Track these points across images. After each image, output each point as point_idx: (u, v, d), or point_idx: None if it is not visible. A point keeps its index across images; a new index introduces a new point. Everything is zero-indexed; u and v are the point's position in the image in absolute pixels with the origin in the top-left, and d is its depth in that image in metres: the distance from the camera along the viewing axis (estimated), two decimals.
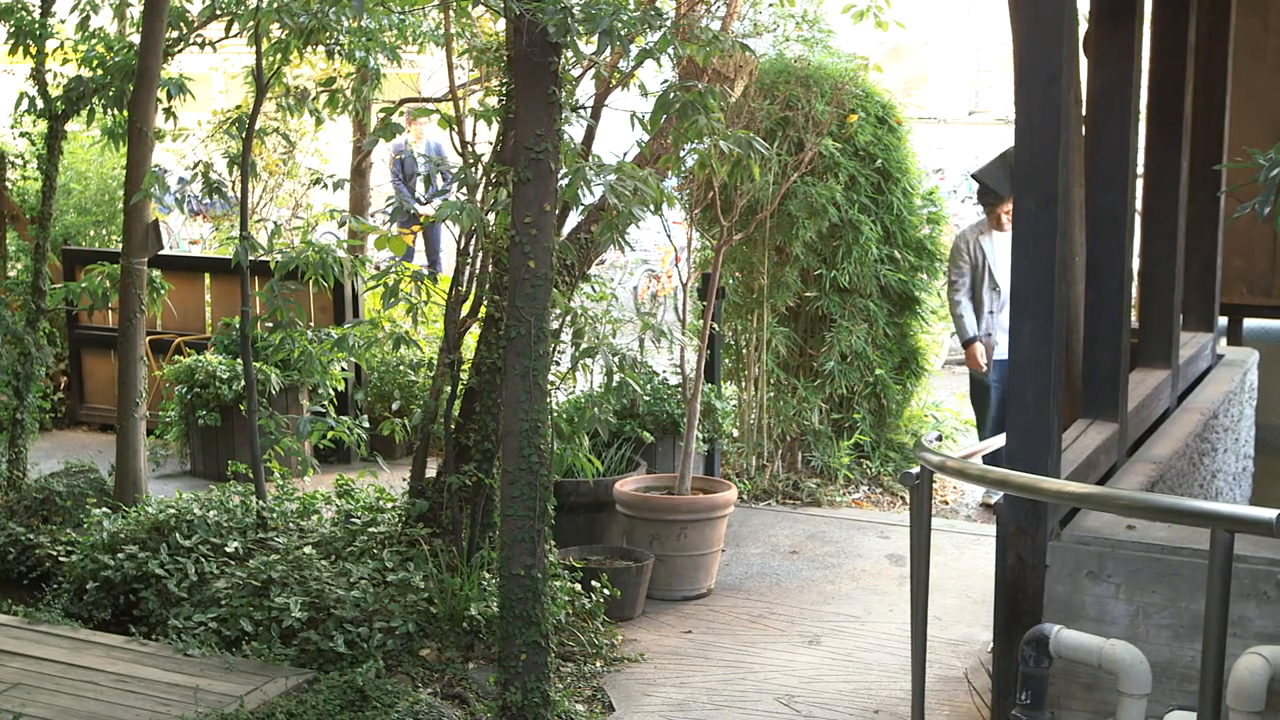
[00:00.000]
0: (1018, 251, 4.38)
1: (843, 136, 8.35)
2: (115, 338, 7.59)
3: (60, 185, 8.40)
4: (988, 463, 4.81)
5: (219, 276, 9.50)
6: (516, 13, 4.74)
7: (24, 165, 9.79)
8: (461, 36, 6.40)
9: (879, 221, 8.47)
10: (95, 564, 6.12)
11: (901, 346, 8.73)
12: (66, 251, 9.88)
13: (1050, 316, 4.31)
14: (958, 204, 15.52)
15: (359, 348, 7.06)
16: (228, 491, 6.80)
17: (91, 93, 7.33)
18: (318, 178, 7.08)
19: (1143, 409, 5.72)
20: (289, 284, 6.45)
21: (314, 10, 6.10)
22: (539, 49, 4.77)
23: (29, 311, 7.41)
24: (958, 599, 6.48)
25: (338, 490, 6.92)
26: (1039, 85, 4.28)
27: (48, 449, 8.88)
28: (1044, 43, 4.30)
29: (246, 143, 6.61)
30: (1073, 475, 4.62)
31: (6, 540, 6.59)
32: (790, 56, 8.33)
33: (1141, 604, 4.19)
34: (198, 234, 14.78)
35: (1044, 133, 4.29)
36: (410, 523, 6.22)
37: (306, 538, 6.36)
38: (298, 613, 5.57)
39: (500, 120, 5.86)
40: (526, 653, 4.90)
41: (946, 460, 4.41)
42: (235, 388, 8.17)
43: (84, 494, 7.00)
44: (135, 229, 6.96)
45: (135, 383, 7.01)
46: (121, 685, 5.20)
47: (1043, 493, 4.07)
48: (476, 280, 6.17)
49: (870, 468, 8.60)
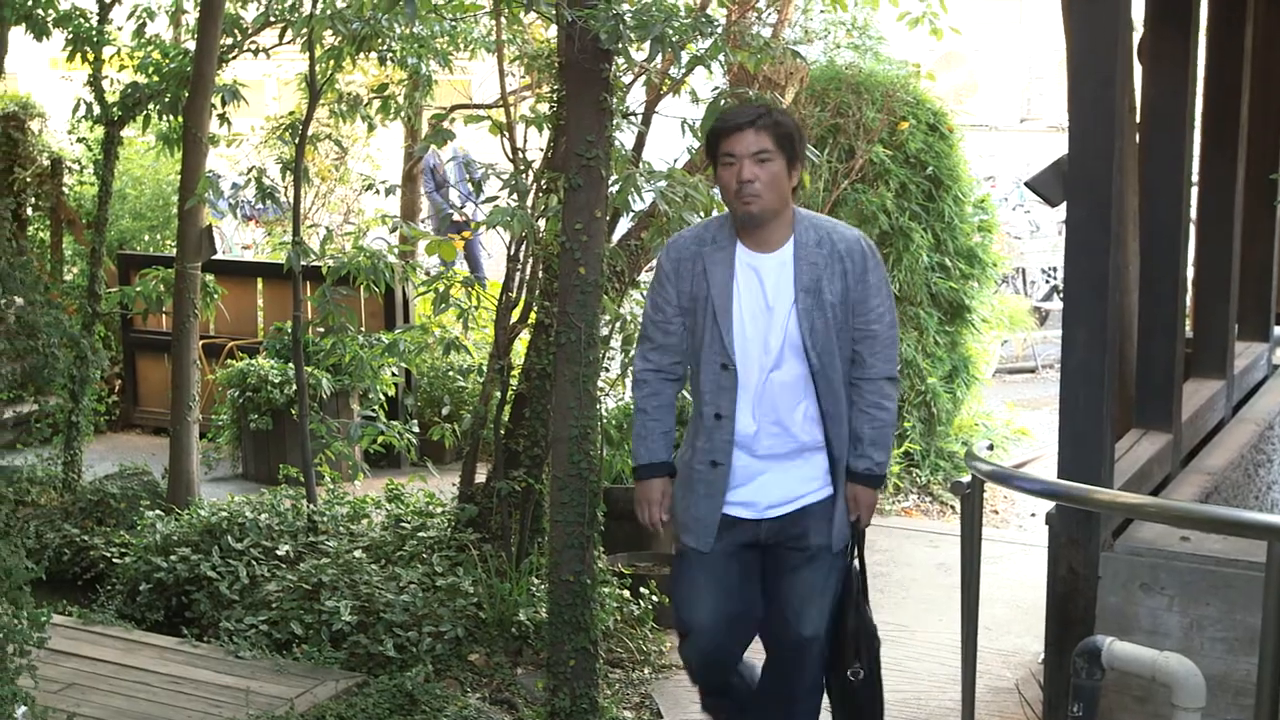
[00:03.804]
0: (1070, 259, 4.34)
1: (894, 144, 8.32)
2: (169, 342, 7.66)
3: (116, 191, 8.50)
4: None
5: (271, 281, 9.56)
6: (568, 19, 4.75)
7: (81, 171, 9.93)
8: (513, 43, 6.42)
9: (930, 229, 8.44)
10: (148, 566, 6.18)
11: (952, 355, 8.68)
12: (122, 256, 9.96)
13: (1103, 325, 4.28)
14: (1009, 211, 15.43)
15: (409, 353, 7.09)
16: (279, 495, 6.84)
17: (147, 99, 7.40)
18: (370, 183, 7.10)
19: (1197, 419, 5.66)
20: (341, 289, 6.48)
21: (367, 17, 6.13)
22: (590, 56, 4.78)
23: (85, 315, 7.48)
24: (1008, 609, 6.44)
25: (388, 495, 6.95)
26: (1092, 92, 4.25)
27: (102, 451, 8.96)
28: (1097, 49, 4.27)
29: (299, 148, 6.65)
30: (1126, 485, 4.58)
31: (62, 541, 6.66)
32: (841, 63, 8.32)
33: (1196, 616, 4.15)
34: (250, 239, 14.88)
35: (1097, 140, 4.25)
36: (459, 528, 6.24)
37: (357, 542, 6.39)
38: (348, 616, 5.60)
39: (551, 126, 5.87)
40: (575, 659, 4.91)
41: (998, 469, 4.38)
42: (287, 392, 8.22)
43: (137, 496, 7.06)
44: (189, 234, 7.02)
45: (188, 386, 7.07)
46: (174, 686, 5.24)
47: (1095, 503, 4.04)
48: (527, 286, 6.19)
49: (920, 476, 8.56)
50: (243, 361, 8.69)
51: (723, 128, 4.04)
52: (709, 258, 4.08)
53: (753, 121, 3.98)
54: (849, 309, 4.05)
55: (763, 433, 4.10)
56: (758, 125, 3.97)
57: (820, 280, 4.01)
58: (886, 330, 4.10)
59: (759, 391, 4.06)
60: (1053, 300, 14.22)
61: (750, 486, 4.14)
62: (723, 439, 4.10)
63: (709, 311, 4.06)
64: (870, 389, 4.11)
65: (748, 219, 4.00)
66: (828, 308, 4.01)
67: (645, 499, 4.30)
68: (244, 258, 12.94)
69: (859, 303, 4.05)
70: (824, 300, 4.01)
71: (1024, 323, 12.26)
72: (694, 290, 4.10)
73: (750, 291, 4.06)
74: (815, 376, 4.04)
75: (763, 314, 4.04)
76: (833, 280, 4.02)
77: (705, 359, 4.08)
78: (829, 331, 4.02)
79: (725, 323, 4.04)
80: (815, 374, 4.04)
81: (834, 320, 4.02)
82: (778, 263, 4.05)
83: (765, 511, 4.14)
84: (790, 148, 4.01)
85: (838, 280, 4.02)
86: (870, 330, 4.08)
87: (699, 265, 4.09)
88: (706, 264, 4.07)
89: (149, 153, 10.18)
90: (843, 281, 4.02)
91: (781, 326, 4.02)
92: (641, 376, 4.28)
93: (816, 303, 4.00)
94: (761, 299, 4.05)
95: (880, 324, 4.08)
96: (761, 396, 4.06)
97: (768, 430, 4.09)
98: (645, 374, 4.27)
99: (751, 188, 3.95)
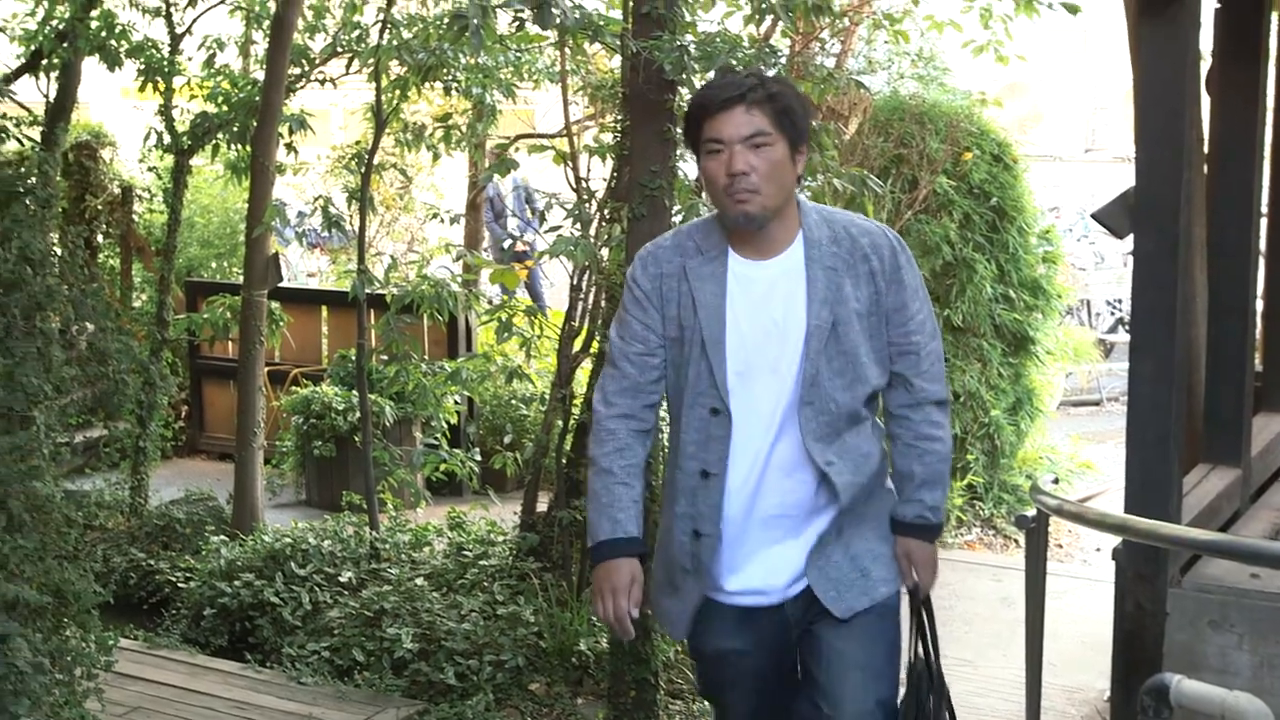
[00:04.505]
0: (1137, 291, 4.30)
1: (957, 174, 8.29)
2: (235, 368, 7.74)
3: (185, 218, 8.60)
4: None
5: (336, 309, 9.64)
6: (633, 50, 4.78)
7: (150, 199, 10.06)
8: (577, 73, 6.46)
9: (994, 260, 8.39)
10: (213, 591, 6.23)
11: (1016, 387, 8.61)
12: (189, 283, 10.09)
13: (1170, 357, 4.23)
14: (1073, 242, 15.32)
15: (472, 381, 7.12)
16: (342, 522, 6.89)
17: (216, 128, 7.50)
18: (434, 212, 7.18)
19: (1266, 454, 5.58)
20: (404, 317, 6.53)
21: (433, 48, 6.20)
22: (655, 86, 4.80)
23: (153, 341, 7.58)
24: (1073, 645, 6.36)
25: (450, 522, 6.98)
26: (1160, 124, 4.21)
27: (168, 476, 9.05)
28: (1166, 81, 4.23)
29: (365, 177, 6.71)
30: (1194, 521, 4.52)
31: (129, 566, 6.73)
32: (905, 94, 8.30)
33: (1266, 655, 4.09)
34: (315, 266, 15.02)
35: (1165, 172, 4.21)
36: (521, 557, 6.25)
37: (418, 569, 6.42)
38: (409, 644, 5.62)
39: (615, 156, 5.89)
40: (635, 689, 4.90)
41: (1063, 503, 4.34)
42: (350, 419, 8.28)
43: (203, 521, 7.13)
44: (256, 262, 7.09)
45: (254, 412, 7.14)
46: (238, 712, 5.28)
47: (1163, 539, 3.98)
48: (589, 315, 6.20)
49: (983, 510, 8.49)
50: (307, 388, 8.76)
51: (704, 105, 3.13)
52: (694, 273, 3.20)
53: (743, 96, 3.09)
54: (881, 319, 3.22)
55: (768, 491, 3.23)
56: (749, 101, 3.08)
57: (842, 287, 3.16)
58: (929, 341, 3.29)
59: (762, 440, 3.20)
60: (1118, 332, 14.09)
61: (758, 566, 3.29)
62: (709, 503, 3.22)
63: (696, 342, 3.18)
64: (917, 417, 3.31)
65: (743, 220, 3.12)
66: (854, 321, 3.17)
67: (607, 586, 3.23)
68: (309, 285, 13.06)
69: (894, 310, 3.22)
70: (848, 312, 3.17)
71: (1089, 355, 12.14)
72: (680, 315, 3.21)
73: (749, 312, 3.18)
74: (839, 413, 3.20)
75: (767, 339, 3.18)
76: (857, 285, 3.18)
77: (690, 402, 3.22)
78: (856, 353, 3.19)
79: (718, 355, 3.16)
80: (839, 410, 3.20)
81: (862, 336, 3.20)
82: (783, 271, 3.19)
83: (787, 591, 3.30)
84: (791, 125, 3.13)
85: (863, 284, 3.19)
86: (911, 344, 3.26)
87: (683, 283, 3.21)
88: (692, 281, 3.19)
89: (217, 181, 10.32)
90: (870, 285, 3.19)
91: (794, 354, 3.16)
92: (605, 425, 3.29)
93: (839, 316, 3.16)
94: (765, 320, 3.18)
95: (922, 334, 3.27)
96: (766, 446, 3.21)
97: (775, 488, 3.23)
98: (610, 422, 3.29)
99: (746, 181, 3.08)
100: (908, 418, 3.31)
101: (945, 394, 3.34)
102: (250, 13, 8.21)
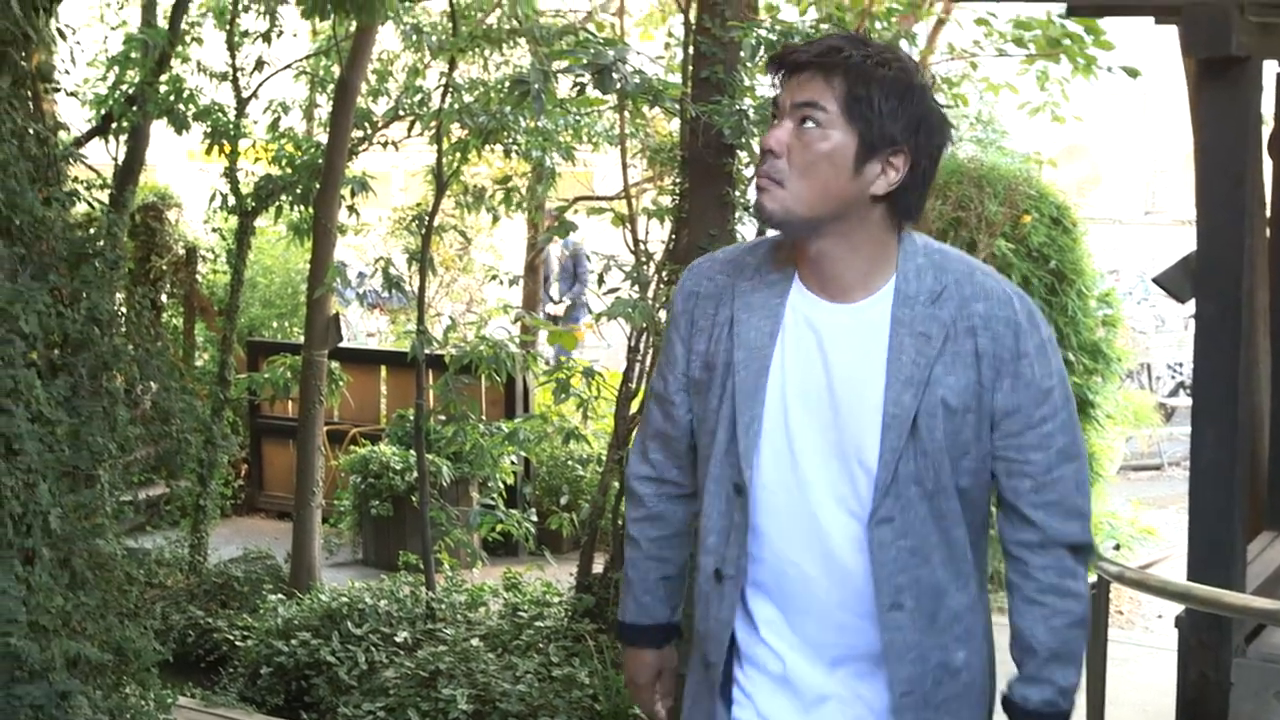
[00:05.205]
0: (1199, 357, 4.27)
1: (1016, 237, 8.27)
2: (294, 427, 7.80)
3: (247, 279, 8.70)
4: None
5: (394, 369, 9.69)
6: (692, 114, 4.82)
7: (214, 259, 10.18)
8: (635, 136, 6.51)
9: (1053, 324, 8.34)
10: (269, 649, 6.26)
11: None
12: (251, 343, 10.17)
13: (1233, 424, 4.19)
14: (1133, 305, 15.22)
15: (529, 442, 7.14)
16: (398, 581, 6.90)
17: (280, 190, 7.59)
18: (493, 273, 7.23)
19: None
20: (462, 378, 6.56)
21: (494, 111, 6.27)
22: (713, 150, 4.84)
23: (215, 400, 7.64)
24: (1135, 712, 6.27)
25: (505, 583, 6.97)
26: (1221, 188, 4.20)
27: (227, 535, 9.10)
28: (1227, 144, 4.22)
29: (425, 239, 6.78)
30: (1259, 590, 4.46)
31: (187, 623, 6.76)
32: (963, 156, 8.30)
33: None
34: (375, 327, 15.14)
35: (1226, 236, 4.19)
36: (576, 618, 6.23)
37: (474, 630, 6.41)
38: (464, 705, 5.61)
39: (673, 219, 5.92)
40: None
41: (1125, 570, 4.29)
42: (408, 479, 8.31)
43: (260, 580, 7.16)
44: (317, 322, 7.16)
45: (312, 471, 7.19)
46: None
47: (1228, 607, 3.93)
48: (647, 377, 6.22)
49: None
50: (365, 448, 8.80)
51: (777, 62, 2.28)
52: (744, 298, 2.35)
53: (817, 57, 2.21)
54: (983, 420, 2.28)
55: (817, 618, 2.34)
56: (821, 63, 2.20)
57: (933, 367, 2.24)
58: (1058, 464, 2.31)
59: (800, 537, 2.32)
60: (1178, 396, 13.96)
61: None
62: (720, 616, 2.40)
63: (726, 390, 2.33)
64: (1038, 562, 2.34)
65: (760, 214, 2.31)
66: (939, 415, 2.25)
67: (631, 678, 2.69)
68: (368, 345, 13.15)
69: (1006, 414, 2.29)
70: (934, 402, 2.25)
71: (1149, 419, 12.03)
72: (710, 351, 2.37)
73: (803, 367, 2.30)
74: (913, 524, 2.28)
75: (819, 409, 2.29)
76: (951, 368, 2.25)
77: (712, 473, 2.38)
78: (939, 461, 2.27)
79: (748, 414, 2.30)
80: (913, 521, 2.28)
81: (948, 441, 2.27)
82: (859, 323, 2.28)
83: None
84: (867, 113, 2.20)
85: (959, 368, 2.25)
86: (1028, 462, 2.30)
87: (724, 308, 2.37)
88: (737, 308, 2.34)
89: (280, 242, 10.44)
90: (970, 372, 2.26)
91: (855, 438, 2.27)
92: (636, 489, 2.58)
93: (925, 405, 2.24)
94: (821, 383, 2.29)
95: (1044, 452, 2.30)
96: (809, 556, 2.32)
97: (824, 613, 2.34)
98: (640, 484, 2.57)
99: (772, 164, 2.23)
100: (1025, 561, 2.35)
101: (1085, 536, 2.35)
102: (315, 77, 8.35)
